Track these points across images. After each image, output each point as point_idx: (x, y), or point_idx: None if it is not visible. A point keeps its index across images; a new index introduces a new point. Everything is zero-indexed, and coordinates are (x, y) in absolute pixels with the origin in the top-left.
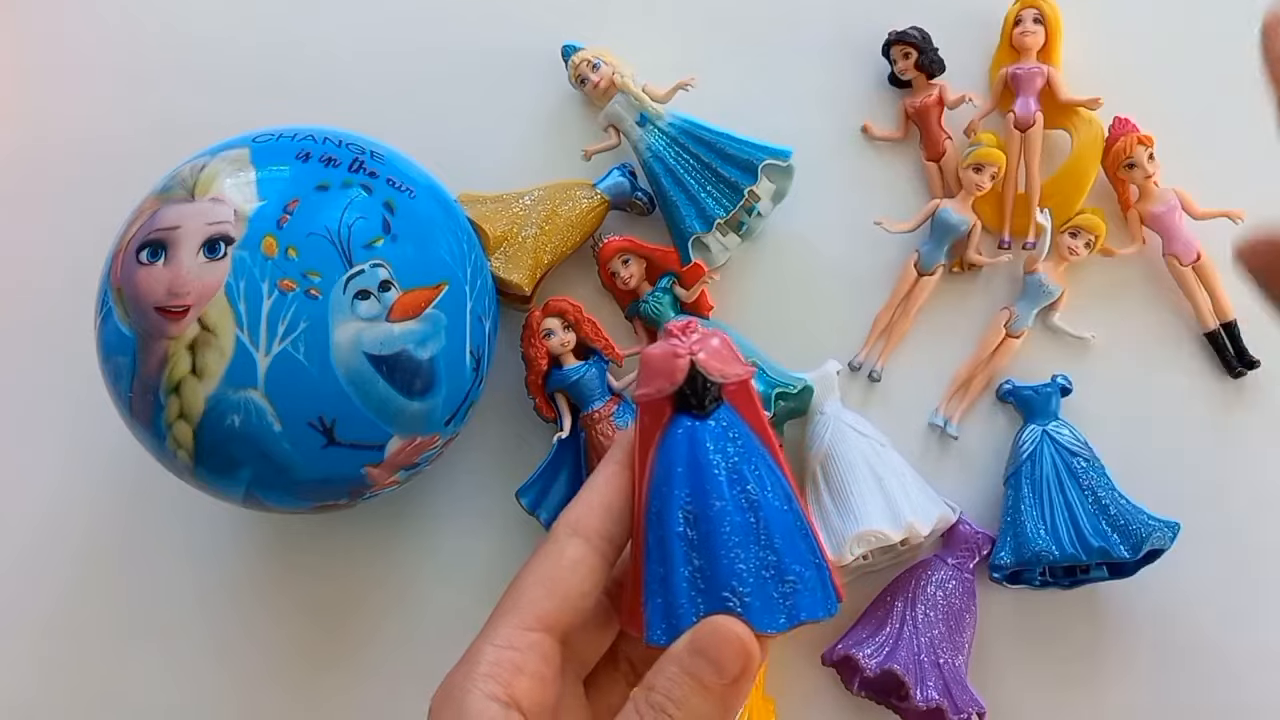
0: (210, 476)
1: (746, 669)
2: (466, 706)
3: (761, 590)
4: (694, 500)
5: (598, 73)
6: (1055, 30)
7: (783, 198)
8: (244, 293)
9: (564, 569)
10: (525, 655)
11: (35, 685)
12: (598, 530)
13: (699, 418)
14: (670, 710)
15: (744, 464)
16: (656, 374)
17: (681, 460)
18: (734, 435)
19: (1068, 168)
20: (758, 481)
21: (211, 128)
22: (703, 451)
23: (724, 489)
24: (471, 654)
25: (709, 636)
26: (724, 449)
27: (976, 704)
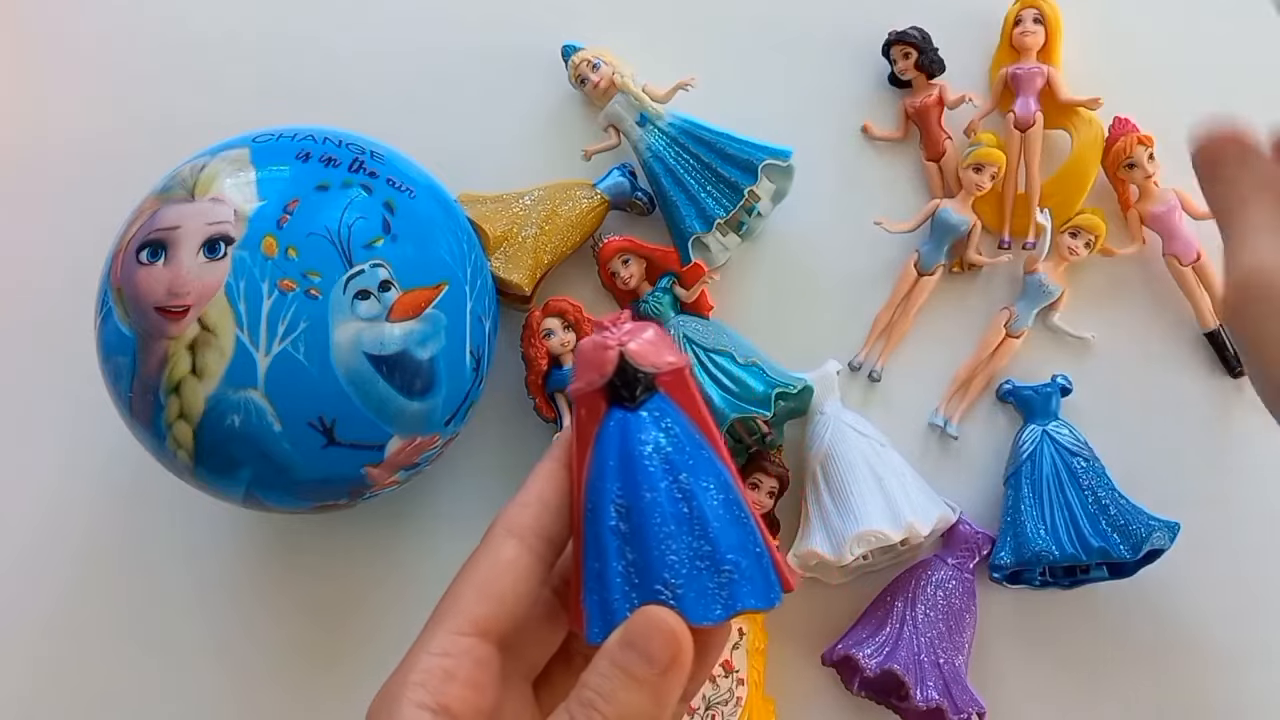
0: (210, 476)
1: (677, 659)
2: (398, 715)
3: (696, 581)
4: (625, 493)
5: (598, 73)
6: (1055, 30)
7: (783, 198)
8: (244, 293)
9: (498, 571)
10: (458, 661)
11: (35, 685)
12: (534, 529)
13: (630, 409)
14: (599, 705)
15: (677, 454)
16: (587, 366)
17: (613, 453)
18: (667, 425)
19: (1068, 168)
20: (691, 471)
21: (211, 128)
22: (633, 443)
23: (655, 480)
24: (406, 663)
25: (637, 627)
26: (655, 440)
27: (976, 704)
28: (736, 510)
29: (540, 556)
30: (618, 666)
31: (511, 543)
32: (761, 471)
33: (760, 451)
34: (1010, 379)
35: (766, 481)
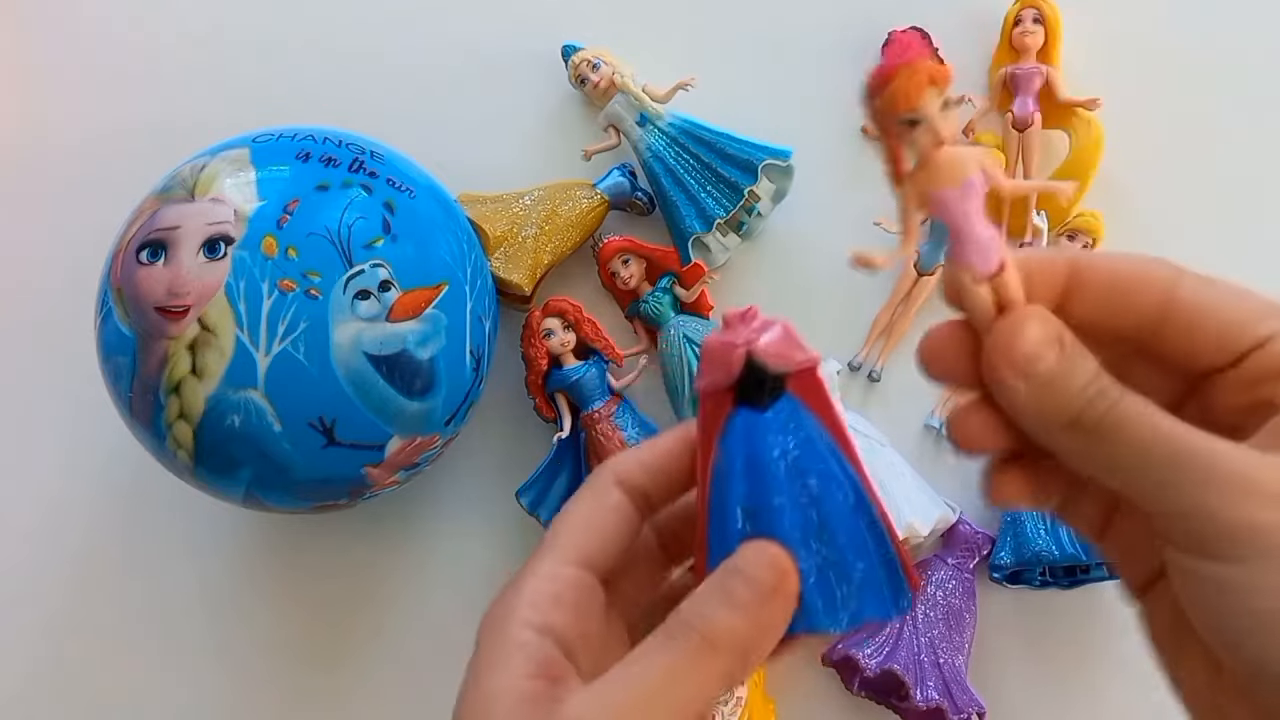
0: (210, 476)
1: (779, 587)
2: (507, 633)
3: (823, 588)
4: (752, 497)
5: (598, 73)
6: (1055, 30)
7: (783, 198)
8: (244, 293)
9: (603, 513)
10: (564, 588)
11: (37, 684)
12: (639, 487)
13: (758, 410)
14: (697, 624)
15: (805, 457)
16: (713, 365)
17: (739, 455)
18: (795, 427)
19: (1065, 169)
20: (820, 475)
21: (211, 128)
22: (761, 446)
23: (782, 484)
24: (515, 583)
25: (744, 553)
26: (783, 443)
27: (976, 704)
28: (867, 517)
29: (640, 511)
30: (719, 589)
31: (617, 490)
32: None
33: None
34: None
35: None
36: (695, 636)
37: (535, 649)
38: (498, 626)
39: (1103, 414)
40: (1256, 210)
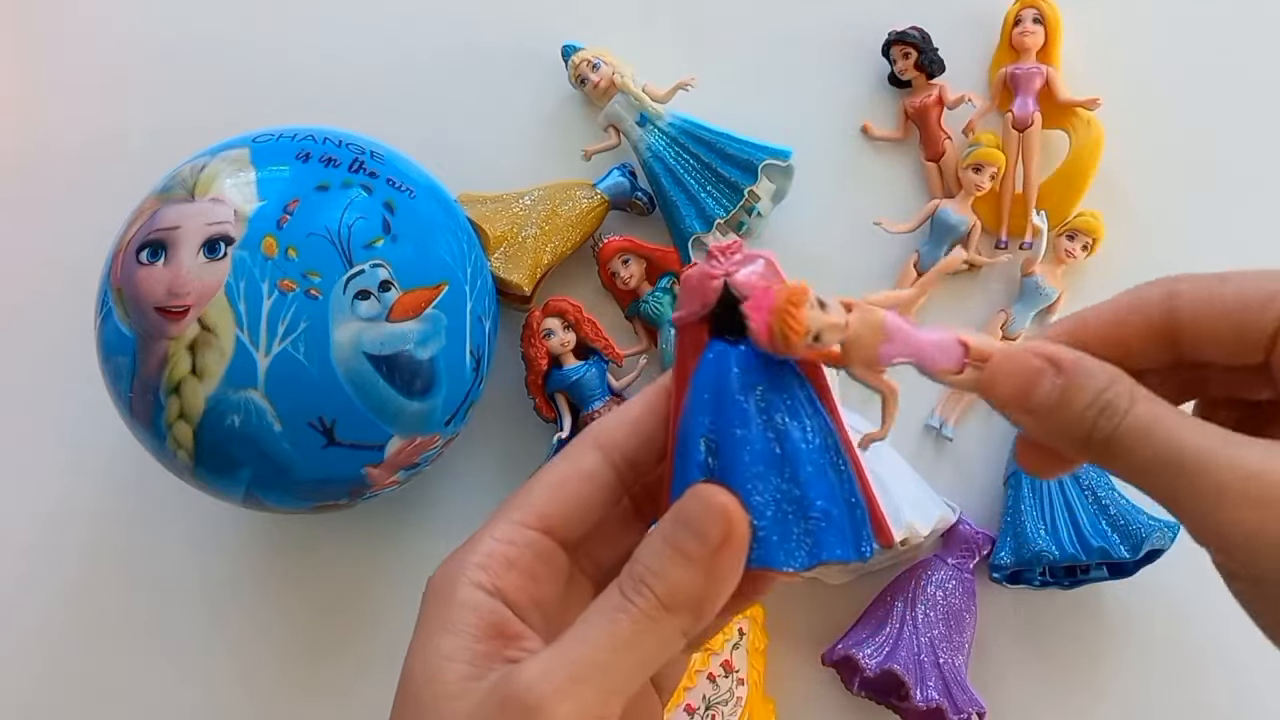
0: (210, 477)
1: (730, 537)
2: (455, 592)
3: (780, 525)
4: (716, 428)
5: (598, 73)
6: (1055, 30)
7: (783, 198)
8: (244, 293)
9: (575, 477)
10: (520, 551)
11: (38, 684)
12: (620, 448)
13: (732, 343)
14: (650, 581)
15: (775, 392)
16: (690, 295)
17: (708, 386)
18: (768, 360)
19: (1065, 169)
20: (789, 412)
21: (211, 128)
22: (730, 377)
23: (749, 417)
24: (469, 543)
25: (688, 504)
26: (753, 375)
27: (976, 704)
28: (833, 456)
29: (620, 475)
30: (669, 543)
31: (595, 454)
32: None
33: None
34: None
35: None
36: (650, 596)
37: (487, 610)
38: (446, 587)
39: (1109, 433)
40: (1257, 210)
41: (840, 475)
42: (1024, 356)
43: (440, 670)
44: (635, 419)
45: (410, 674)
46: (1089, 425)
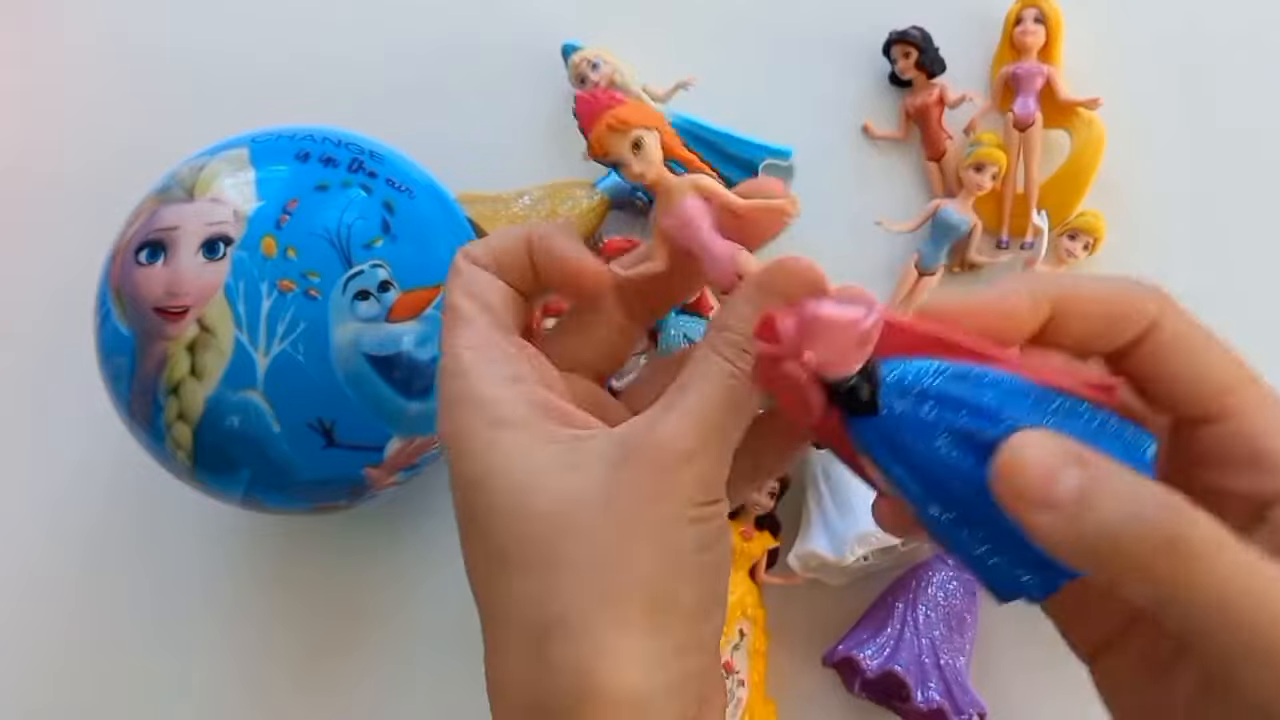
0: (209, 477)
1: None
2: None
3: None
4: (938, 495)
5: (598, 72)
6: (1056, 30)
7: None
8: (243, 293)
9: (483, 283)
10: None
11: (38, 685)
12: (498, 264)
13: (871, 415)
14: (749, 347)
15: (958, 417)
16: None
17: (895, 464)
18: (919, 391)
19: (1066, 169)
20: (988, 420)
21: (210, 128)
22: (909, 449)
23: (957, 465)
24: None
25: (776, 272)
26: (926, 426)
27: (978, 705)
28: (1057, 407)
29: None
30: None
31: (478, 270)
32: None
33: None
34: None
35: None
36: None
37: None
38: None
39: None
40: (1257, 210)
41: (1068, 410)
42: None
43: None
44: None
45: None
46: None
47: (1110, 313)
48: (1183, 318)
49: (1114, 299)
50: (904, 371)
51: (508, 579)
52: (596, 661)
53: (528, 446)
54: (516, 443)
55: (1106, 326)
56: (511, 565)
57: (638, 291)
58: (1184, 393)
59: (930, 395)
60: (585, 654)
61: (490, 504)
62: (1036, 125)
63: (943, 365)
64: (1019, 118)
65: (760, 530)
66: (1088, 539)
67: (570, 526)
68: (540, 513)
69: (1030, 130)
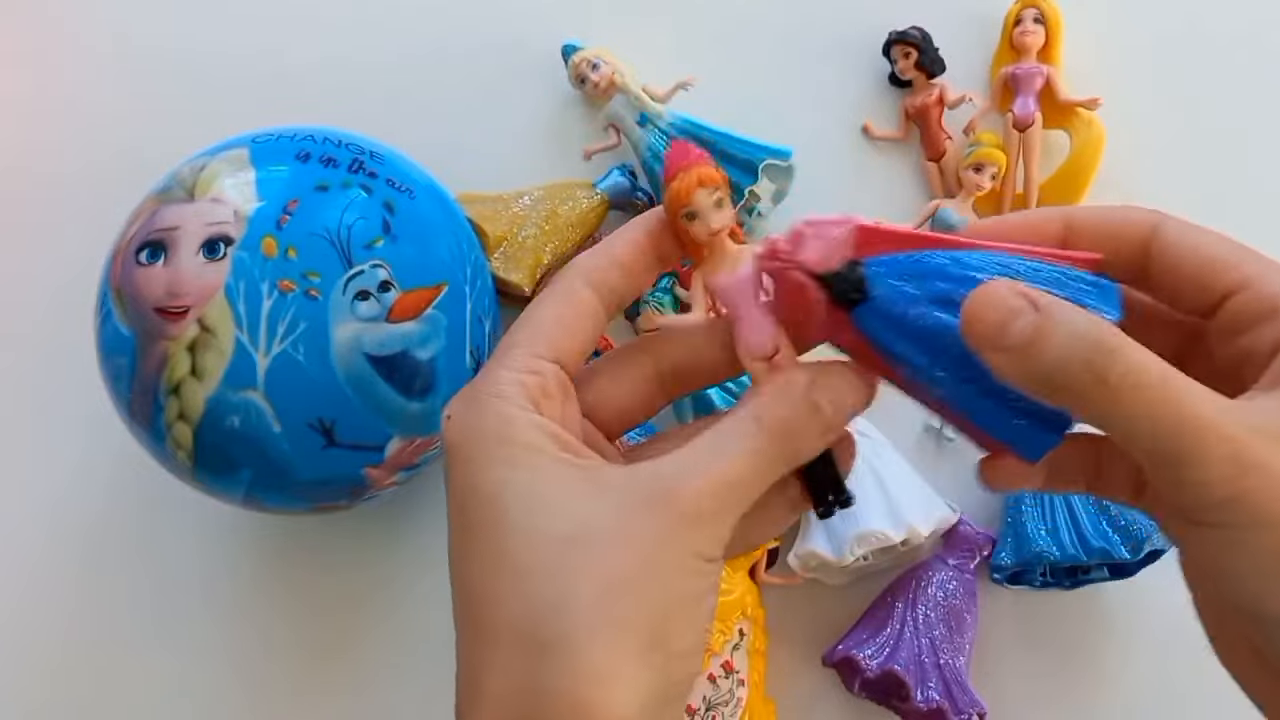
0: (210, 478)
1: (859, 410)
2: (509, 411)
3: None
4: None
5: (598, 73)
6: (1056, 30)
7: (783, 198)
8: (243, 293)
9: (577, 312)
10: (546, 380)
11: (39, 685)
12: (608, 285)
13: (862, 301)
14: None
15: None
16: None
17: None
18: (901, 273)
19: (1066, 169)
20: (964, 284)
21: (211, 128)
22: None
23: (950, 325)
24: (491, 377)
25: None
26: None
27: (977, 705)
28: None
29: (609, 310)
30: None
31: (590, 294)
32: None
33: None
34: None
35: None
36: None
37: (550, 428)
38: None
39: (1104, 374)
40: (1257, 210)
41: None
42: (1014, 287)
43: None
44: (624, 262)
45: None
46: (1081, 358)
47: (1112, 223)
48: (1181, 222)
49: (1114, 213)
50: (885, 260)
51: (506, 590)
52: (591, 689)
53: (546, 468)
54: (534, 463)
55: (1111, 235)
56: (515, 576)
57: (674, 364)
58: (1198, 279)
59: (910, 273)
60: (581, 680)
61: (499, 516)
62: (1036, 125)
63: (919, 253)
64: (1019, 118)
65: None
66: (1037, 375)
67: (581, 549)
68: (556, 534)
69: (1030, 130)
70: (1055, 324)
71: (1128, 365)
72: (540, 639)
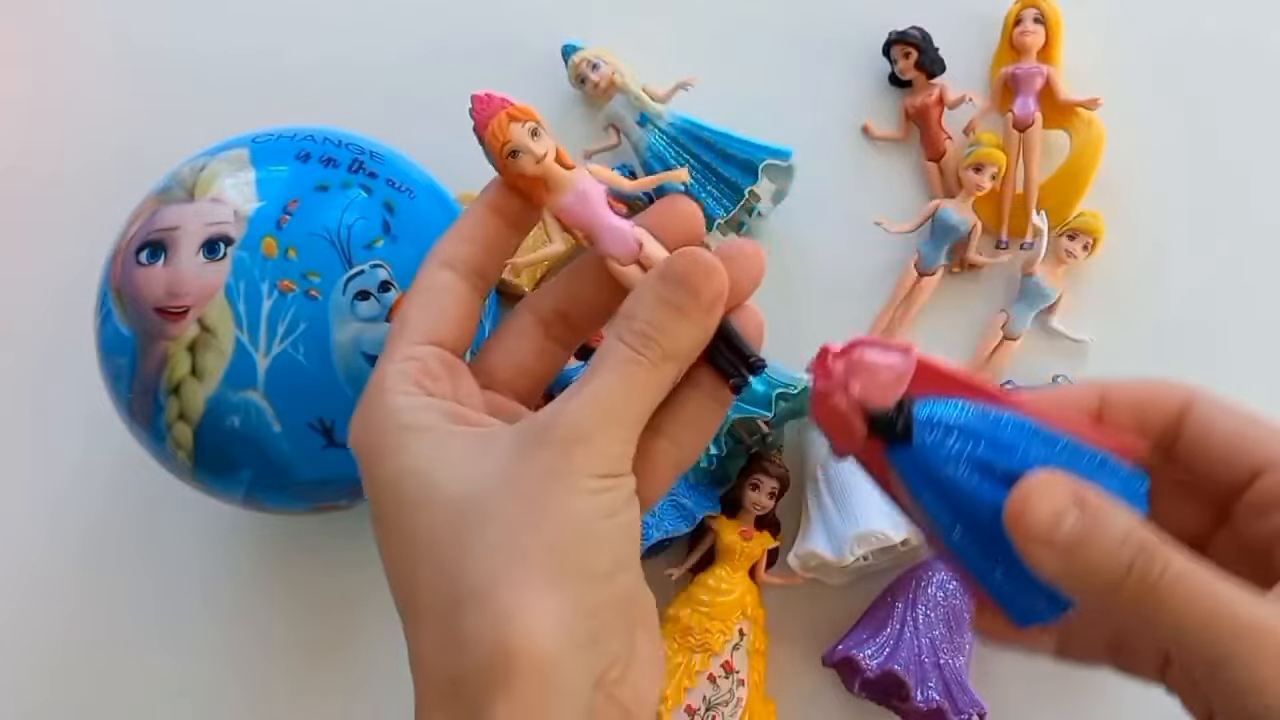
0: (210, 478)
1: (721, 292)
2: (394, 401)
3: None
4: (960, 517)
5: (598, 73)
6: (1056, 30)
7: (783, 198)
8: (243, 293)
9: (440, 293)
10: (425, 362)
11: (39, 685)
12: (466, 262)
13: (904, 442)
14: (654, 334)
15: (977, 450)
16: (839, 435)
17: (924, 488)
18: (946, 425)
19: (1066, 169)
20: (998, 451)
21: (211, 128)
22: (935, 476)
23: (980, 494)
24: (375, 379)
25: (679, 263)
26: (952, 456)
27: (977, 705)
28: (1062, 446)
29: (476, 289)
30: (668, 302)
31: (446, 273)
32: (762, 472)
33: (761, 452)
34: (1011, 380)
35: (767, 482)
36: (657, 348)
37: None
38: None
39: (1154, 578)
40: (1257, 210)
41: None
42: (1061, 482)
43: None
44: (471, 235)
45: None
46: (1123, 567)
47: (1145, 397)
48: (1214, 397)
49: (1148, 388)
50: (935, 408)
51: (419, 564)
52: (506, 627)
53: (435, 444)
54: (424, 441)
55: (1144, 410)
56: (422, 550)
57: (554, 310)
58: (1228, 457)
59: (956, 429)
60: (494, 621)
61: (400, 498)
62: (1036, 125)
63: (968, 405)
64: (1018, 118)
65: (760, 530)
66: (1077, 574)
67: (475, 508)
68: (446, 497)
69: (1030, 130)
70: (1103, 527)
71: (1171, 568)
72: (453, 596)
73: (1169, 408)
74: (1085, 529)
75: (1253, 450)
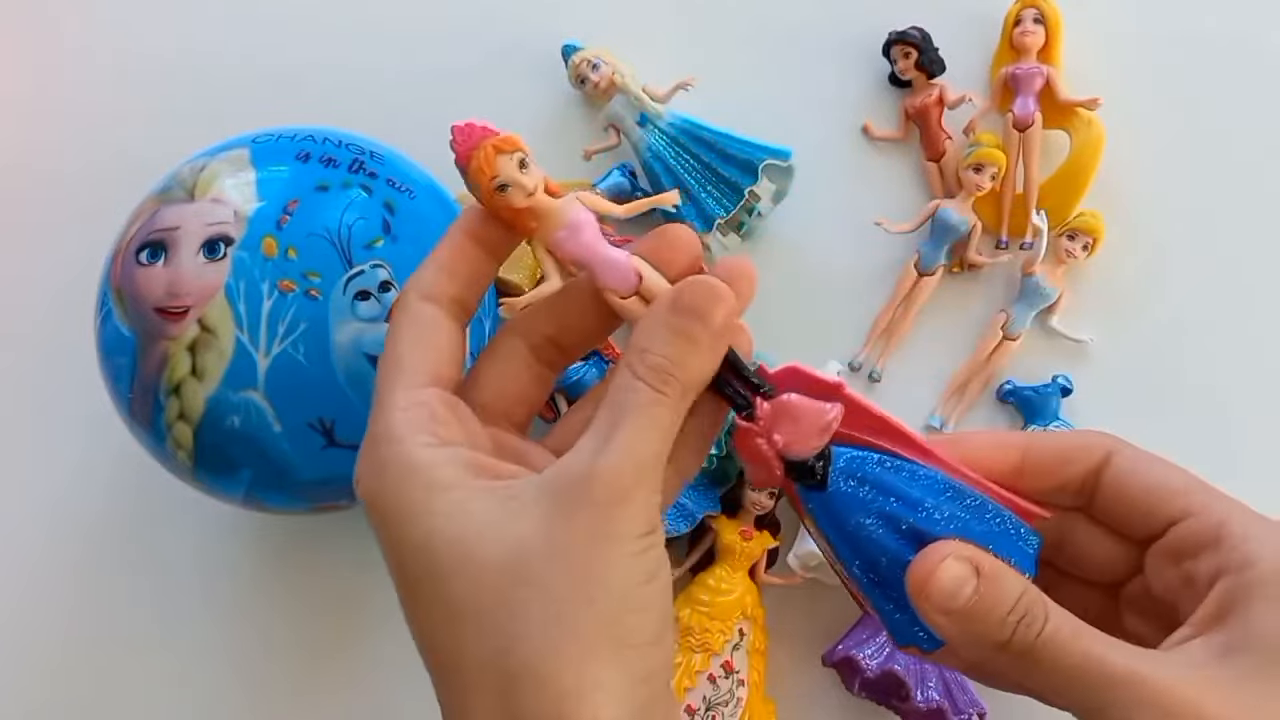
0: (210, 478)
1: (730, 315)
2: (412, 456)
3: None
4: (862, 560)
5: (598, 73)
6: (1055, 30)
7: (783, 198)
8: (244, 293)
9: (426, 330)
10: (433, 406)
11: (38, 685)
12: (447, 294)
13: (819, 489)
14: (672, 370)
15: (888, 504)
16: (757, 467)
17: (831, 529)
18: (861, 476)
19: (1066, 169)
20: (910, 508)
21: (211, 128)
22: (842, 523)
23: (884, 542)
24: (382, 426)
25: (690, 292)
26: (862, 505)
27: (977, 705)
28: (968, 504)
29: (455, 317)
30: (680, 333)
31: (429, 307)
32: None
33: None
34: (1011, 379)
35: None
36: (677, 384)
37: (464, 458)
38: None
39: (1030, 640)
40: (1256, 210)
41: (980, 516)
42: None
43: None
44: (452, 267)
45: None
46: (1008, 630)
47: (1066, 449)
48: (1133, 450)
49: (1069, 439)
50: (852, 458)
51: (463, 634)
52: (567, 706)
53: (463, 504)
54: (452, 502)
55: (1065, 461)
56: (467, 619)
57: (544, 335)
58: (1145, 505)
59: (869, 481)
60: (555, 700)
61: (435, 565)
62: (1036, 125)
63: (884, 457)
64: (1018, 118)
65: (760, 530)
66: (970, 639)
67: (521, 574)
68: (485, 564)
69: (1030, 130)
70: (995, 597)
71: (1049, 627)
72: (508, 673)
73: (1089, 460)
74: (980, 600)
75: (1169, 501)
